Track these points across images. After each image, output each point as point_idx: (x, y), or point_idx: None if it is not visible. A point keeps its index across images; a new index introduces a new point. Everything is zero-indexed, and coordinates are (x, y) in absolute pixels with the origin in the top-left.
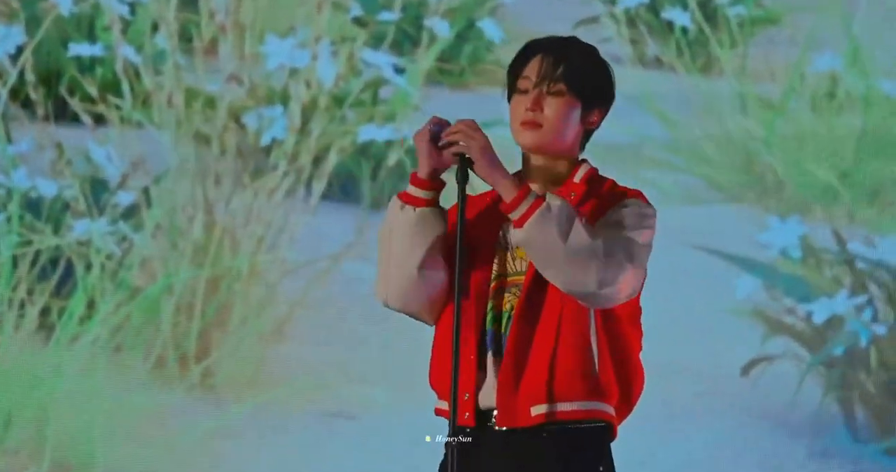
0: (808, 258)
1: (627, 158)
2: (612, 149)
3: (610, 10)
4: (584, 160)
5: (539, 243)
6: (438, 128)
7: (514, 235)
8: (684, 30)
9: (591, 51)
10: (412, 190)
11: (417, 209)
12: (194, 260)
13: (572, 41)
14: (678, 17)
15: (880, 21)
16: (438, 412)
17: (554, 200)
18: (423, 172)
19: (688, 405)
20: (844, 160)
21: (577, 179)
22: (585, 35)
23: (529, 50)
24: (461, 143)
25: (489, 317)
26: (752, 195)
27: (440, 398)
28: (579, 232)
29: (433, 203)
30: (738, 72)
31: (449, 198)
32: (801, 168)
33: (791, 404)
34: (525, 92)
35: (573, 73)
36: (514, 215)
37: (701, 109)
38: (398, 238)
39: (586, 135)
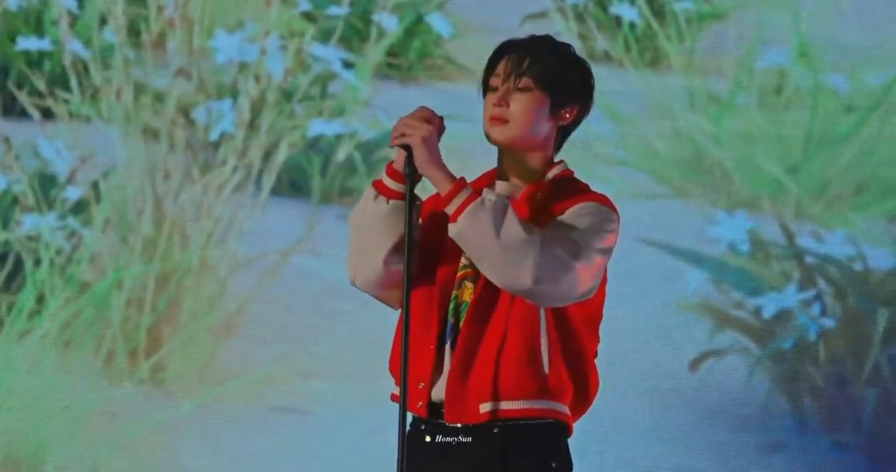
0: (757, 253)
1: (576, 154)
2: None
3: (558, 4)
4: (560, 161)
5: (472, 237)
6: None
7: (449, 229)
8: (632, 25)
9: (563, 48)
10: (387, 181)
11: (390, 201)
12: (144, 255)
13: (545, 39)
14: (626, 12)
15: (828, 16)
16: (394, 399)
17: (489, 196)
18: (398, 164)
19: (637, 400)
20: (792, 155)
21: (547, 179)
22: (534, 30)
23: (503, 48)
24: (405, 134)
25: (451, 307)
26: (700, 190)
27: (397, 383)
28: (513, 227)
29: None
30: (686, 67)
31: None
32: (750, 163)
33: (740, 397)
34: (495, 89)
35: (540, 69)
36: (449, 209)
37: (649, 105)
38: (368, 227)
39: (561, 133)
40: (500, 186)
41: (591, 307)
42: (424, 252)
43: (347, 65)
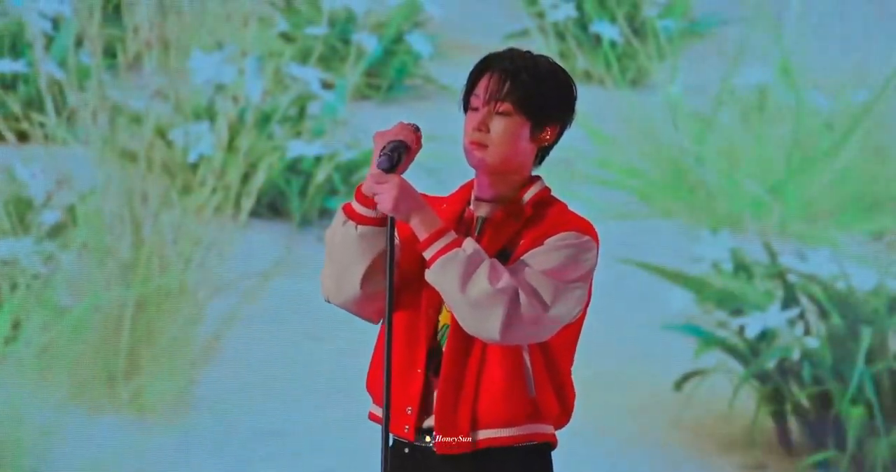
0: (740, 272)
1: (558, 174)
2: (542, 164)
3: (539, 23)
4: (537, 178)
5: (442, 286)
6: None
7: (426, 274)
8: (613, 43)
9: (543, 64)
10: (356, 206)
11: (359, 227)
12: (122, 279)
13: (525, 56)
14: (606, 30)
15: (809, 34)
16: (373, 418)
17: (468, 247)
18: (367, 188)
19: (621, 420)
20: (775, 173)
21: (525, 200)
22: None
23: (482, 65)
24: (376, 194)
25: (435, 331)
26: (683, 209)
27: (375, 402)
28: (481, 282)
29: (377, 222)
30: (667, 86)
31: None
32: (732, 181)
33: (724, 417)
34: (476, 110)
35: (520, 92)
36: (426, 255)
37: (630, 123)
38: (340, 252)
39: (541, 152)
40: (477, 206)
41: (570, 331)
42: (408, 271)
43: (326, 85)
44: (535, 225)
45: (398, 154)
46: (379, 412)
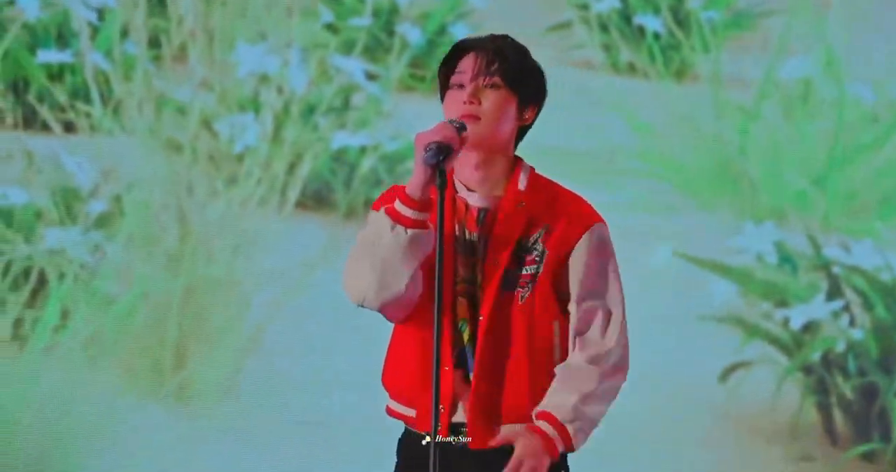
0: (784, 264)
1: (601, 166)
2: (585, 156)
3: (582, 15)
4: (518, 159)
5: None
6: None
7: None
8: (656, 35)
9: (522, 48)
10: (402, 209)
11: (409, 231)
12: (169, 269)
13: (505, 38)
14: (650, 22)
15: (853, 26)
16: (392, 413)
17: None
18: (415, 191)
19: (665, 412)
20: (818, 165)
21: (521, 185)
22: (558, 41)
23: (461, 47)
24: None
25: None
26: (726, 201)
27: (393, 397)
28: (612, 396)
29: (424, 224)
30: (711, 78)
31: None
32: (775, 173)
33: (769, 409)
34: (461, 87)
35: (509, 68)
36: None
37: (674, 116)
38: (387, 257)
39: (521, 132)
40: (473, 197)
41: None
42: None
43: (370, 76)
44: (543, 209)
45: (443, 155)
46: (398, 407)
